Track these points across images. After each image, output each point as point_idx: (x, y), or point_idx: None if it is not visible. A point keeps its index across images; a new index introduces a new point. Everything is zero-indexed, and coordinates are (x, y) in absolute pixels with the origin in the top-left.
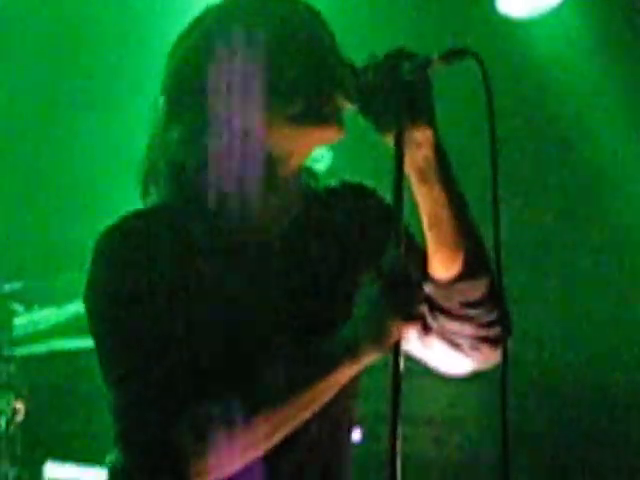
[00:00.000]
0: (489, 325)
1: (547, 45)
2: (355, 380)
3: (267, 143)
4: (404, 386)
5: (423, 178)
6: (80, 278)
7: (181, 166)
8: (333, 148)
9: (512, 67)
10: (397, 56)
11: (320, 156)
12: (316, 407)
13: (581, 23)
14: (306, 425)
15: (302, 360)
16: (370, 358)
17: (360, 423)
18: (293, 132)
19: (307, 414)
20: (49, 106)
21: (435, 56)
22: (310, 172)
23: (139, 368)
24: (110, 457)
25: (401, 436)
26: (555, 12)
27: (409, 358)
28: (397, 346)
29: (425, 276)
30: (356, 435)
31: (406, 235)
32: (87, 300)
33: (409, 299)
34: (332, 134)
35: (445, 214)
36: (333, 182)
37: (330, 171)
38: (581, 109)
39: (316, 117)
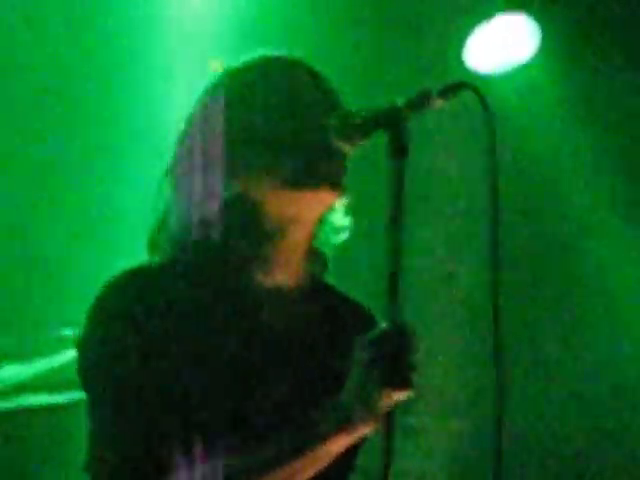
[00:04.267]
0: None
1: (513, 99)
2: (352, 452)
3: (267, 208)
4: None
5: None
6: (44, 337)
7: (186, 228)
8: None
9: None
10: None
11: (336, 228)
12: (307, 476)
13: (546, 79)
14: None
15: (295, 432)
16: (364, 430)
17: None
18: (289, 196)
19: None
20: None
21: (433, 92)
22: (317, 255)
23: (128, 425)
24: None
25: None
26: (521, 68)
27: None
28: (390, 415)
29: None
30: None
31: None
32: (80, 350)
33: (402, 366)
34: (326, 197)
35: None
36: (340, 290)
37: None
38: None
39: (307, 179)
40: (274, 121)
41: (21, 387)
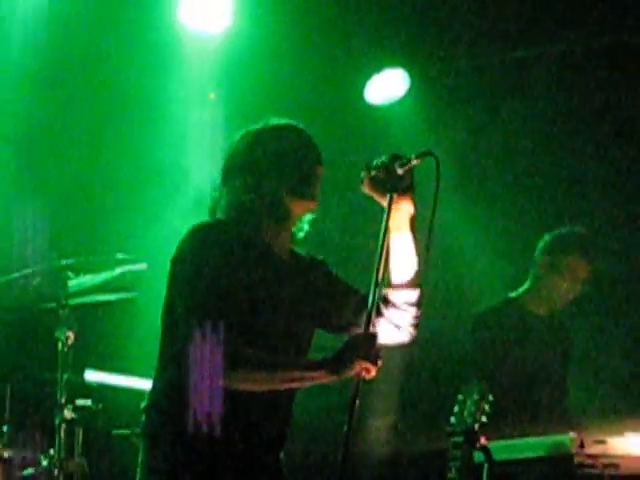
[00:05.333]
0: (417, 317)
1: (396, 122)
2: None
3: (281, 204)
4: None
5: (397, 228)
6: (105, 258)
7: (238, 204)
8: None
9: (372, 137)
10: (392, 158)
11: (303, 228)
12: (289, 386)
13: (417, 108)
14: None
15: (296, 361)
16: (331, 378)
17: None
18: (292, 200)
19: (282, 387)
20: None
21: (413, 156)
22: (294, 237)
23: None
24: (164, 374)
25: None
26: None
27: None
28: (358, 378)
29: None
30: None
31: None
32: (178, 264)
33: (373, 348)
34: (309, 205)
35: (408, 249)
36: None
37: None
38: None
39: (302, 193)
40: (289, 160)
41: (92, 289)
